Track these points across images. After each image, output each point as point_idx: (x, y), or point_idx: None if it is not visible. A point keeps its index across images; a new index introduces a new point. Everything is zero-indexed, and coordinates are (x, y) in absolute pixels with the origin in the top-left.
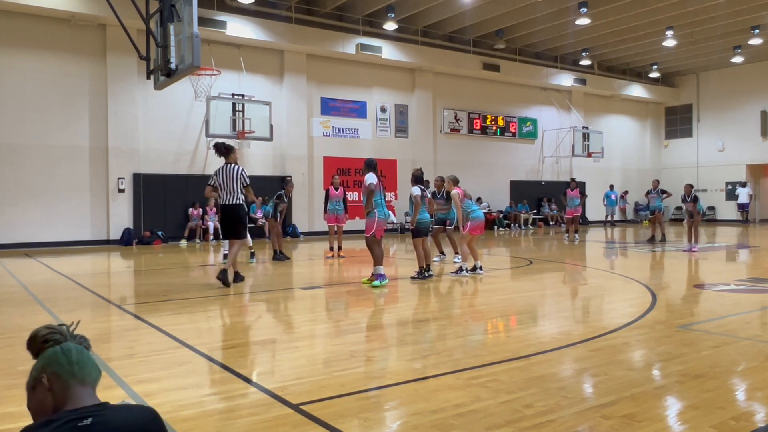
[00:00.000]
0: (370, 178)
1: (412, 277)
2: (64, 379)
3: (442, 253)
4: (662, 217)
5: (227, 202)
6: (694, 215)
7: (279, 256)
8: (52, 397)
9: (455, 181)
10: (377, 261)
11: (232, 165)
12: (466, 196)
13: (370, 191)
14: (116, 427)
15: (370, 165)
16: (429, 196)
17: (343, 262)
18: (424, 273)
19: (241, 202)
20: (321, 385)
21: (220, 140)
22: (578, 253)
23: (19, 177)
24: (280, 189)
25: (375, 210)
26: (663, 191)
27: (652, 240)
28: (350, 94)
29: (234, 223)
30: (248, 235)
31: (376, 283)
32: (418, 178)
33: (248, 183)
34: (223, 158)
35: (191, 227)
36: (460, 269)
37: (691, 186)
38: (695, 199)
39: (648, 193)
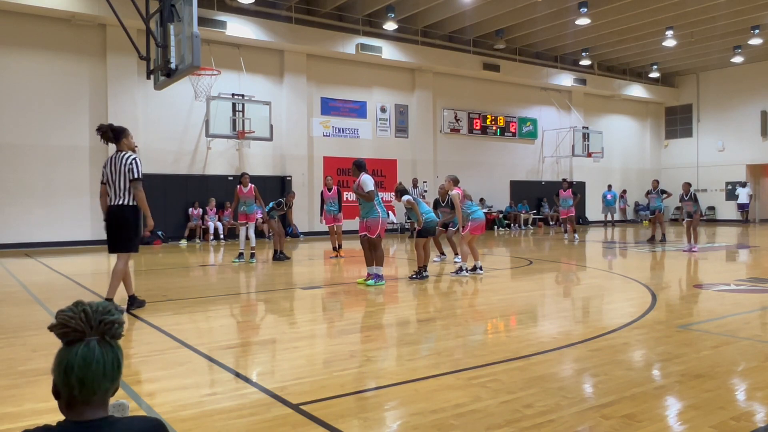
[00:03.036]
0: (370, 182)
1: (410, 277)
2: (66, 395)
3: (442, 253)
4: (662, 217)
5: (112, 203)
6: (693, 215)
7: (279, 256)
8: (62, 403)
9: (455, 181)
10: (379, 261)
11: (123, 153)
12: (466, 197)
13: (371, 195)
14: None
15: (362, 167)
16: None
17: (343, 262)
18: (421, 273)
19: (130, 203)
20: (321, 385)
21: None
22: (578, 253)
23: (19, 177)
24: (282, 196)
25: (378, 210)
26: (663, 191)
27: (652, 240)
28: (350, 94)
29: (117, 230)
30: (253, 235)
31: (371, 282)
32: (403, 191)
33: (136, 176)
34: (113, 145)
35: (191, 227)
36: (460, 269)
37: (689, 184)
38: (694, 198)
39: (648, 193)
